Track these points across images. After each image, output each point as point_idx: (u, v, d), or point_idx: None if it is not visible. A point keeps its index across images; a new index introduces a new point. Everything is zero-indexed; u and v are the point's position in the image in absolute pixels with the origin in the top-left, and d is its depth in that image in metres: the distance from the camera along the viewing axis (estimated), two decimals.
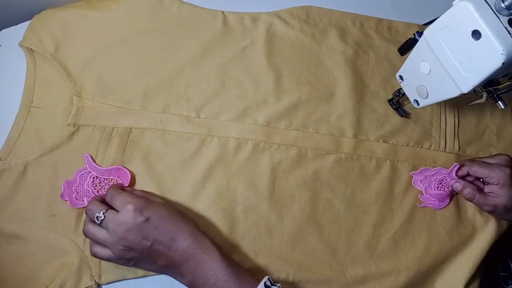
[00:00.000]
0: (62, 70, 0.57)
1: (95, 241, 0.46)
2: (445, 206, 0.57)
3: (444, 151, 0.60)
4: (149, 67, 0.59)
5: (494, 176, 0.52)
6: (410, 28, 0.66)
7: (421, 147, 0.59)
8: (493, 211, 0.53)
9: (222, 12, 0.63)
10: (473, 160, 0.56)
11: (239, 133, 0.57)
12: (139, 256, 0.45)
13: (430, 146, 0.60)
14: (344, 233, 0.54)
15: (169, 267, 0.46)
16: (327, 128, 0.58)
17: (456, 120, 0.61)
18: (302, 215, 0.54)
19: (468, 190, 0.53)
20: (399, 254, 0.54)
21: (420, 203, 0.57)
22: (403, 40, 0.64)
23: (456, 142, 0.60)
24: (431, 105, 0.56)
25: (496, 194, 0.52)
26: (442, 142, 0.60)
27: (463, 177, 0.56)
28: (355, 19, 0.65)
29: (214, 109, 0.58)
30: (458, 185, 0.54)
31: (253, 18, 0.63)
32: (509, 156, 0.55)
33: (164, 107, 0.57)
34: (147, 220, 0.45)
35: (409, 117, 0.61)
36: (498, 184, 0.52)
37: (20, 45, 0.58)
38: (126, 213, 0.45)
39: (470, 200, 0.54)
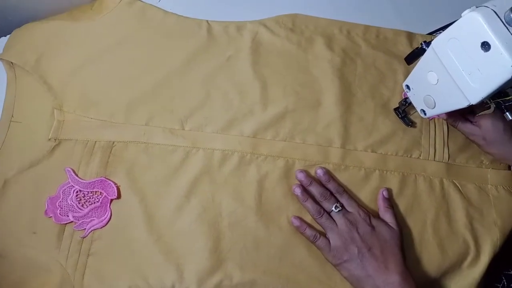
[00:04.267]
0: (43, 84, 0.56)
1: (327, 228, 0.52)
2: None
3: (434, 160, 0.58)
4: (132, 79, 0.58)
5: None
6: (398, 35, 0.64)
7: (410, 156, 0.58)
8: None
9: (207, 21, 0.62)
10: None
11: (225, 144, 0.56)
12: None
13: (420, 155, 0.59)
14: None
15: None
16: (314, 138, 0.57)
17: (446, 128, 0.60)
18: (290, 228, 0.53)
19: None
20: None
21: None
22: (391, 47, 0.64)
23: (446, 150, 0.59)
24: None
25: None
26: (432, 151, 0.59)
27: None
28: (342, 27, 0.64)
29: (199, 121, 0.57)
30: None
31: (238, 27, 0.62)
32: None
33: (148, 120, 0.56)
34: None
35: (415, 127, 0.60)
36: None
37: (0, 58, 0.57)
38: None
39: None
